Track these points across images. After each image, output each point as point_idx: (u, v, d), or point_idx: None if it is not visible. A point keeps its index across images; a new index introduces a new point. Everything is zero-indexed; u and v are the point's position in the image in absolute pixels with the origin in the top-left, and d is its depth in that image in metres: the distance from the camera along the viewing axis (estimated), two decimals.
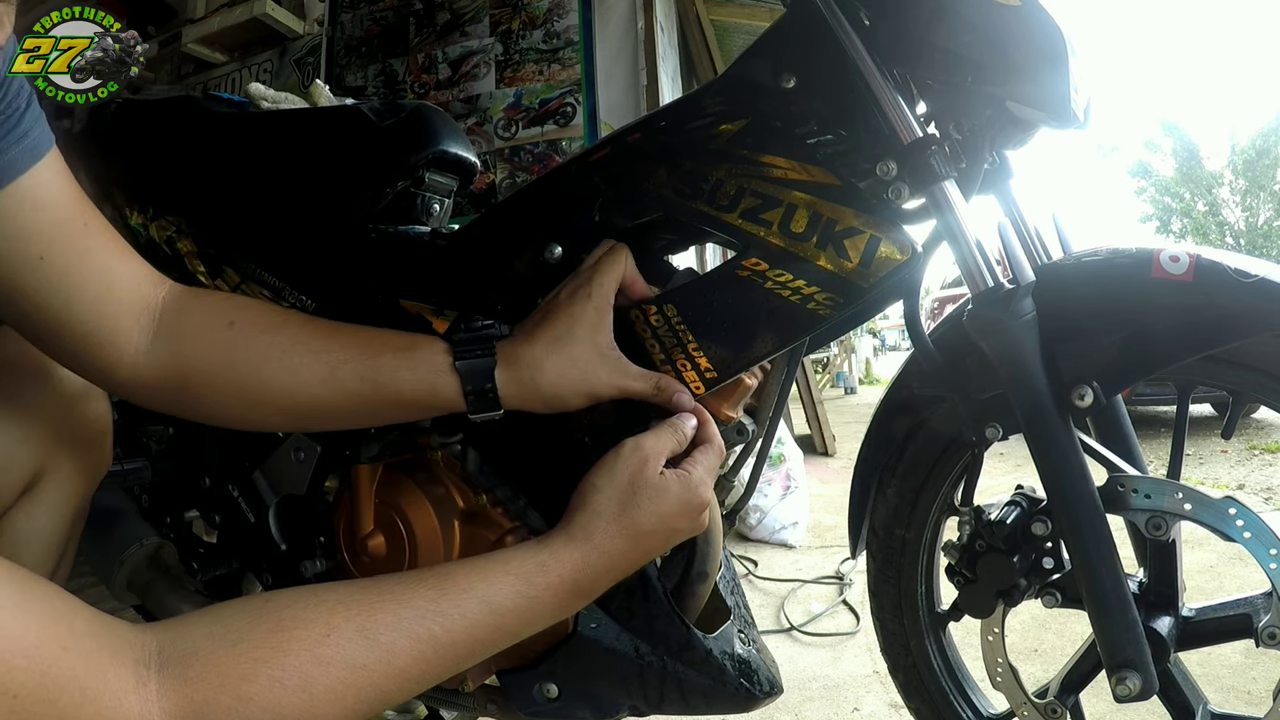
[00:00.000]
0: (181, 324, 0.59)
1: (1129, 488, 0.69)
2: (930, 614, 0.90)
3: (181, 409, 0.63)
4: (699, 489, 0.59)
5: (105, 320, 0.57)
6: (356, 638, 0.46)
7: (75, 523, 0.73)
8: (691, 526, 0.60)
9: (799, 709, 1.42)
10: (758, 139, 0.66)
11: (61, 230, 0.55)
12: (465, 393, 0.60)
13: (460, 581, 0.51)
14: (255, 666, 0.42)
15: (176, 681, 0.40)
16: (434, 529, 0.74)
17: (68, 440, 0.70)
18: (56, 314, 0.55)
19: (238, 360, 0.59)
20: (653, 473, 0.58)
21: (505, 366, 0.60)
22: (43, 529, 0.69)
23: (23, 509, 0.67)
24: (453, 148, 0.87)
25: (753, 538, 2.60)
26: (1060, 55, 0.61)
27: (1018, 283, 0.64)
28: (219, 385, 0.59)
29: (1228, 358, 0.68)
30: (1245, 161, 21.52)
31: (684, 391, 0.64)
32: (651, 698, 0.71)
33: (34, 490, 0.68)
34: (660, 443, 0.60)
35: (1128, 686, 0.65)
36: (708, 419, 0.65)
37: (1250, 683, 1.35)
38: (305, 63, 2.95)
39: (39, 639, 0.37)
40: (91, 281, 0.56)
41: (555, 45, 2.60)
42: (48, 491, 0.69)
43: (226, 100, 1.05)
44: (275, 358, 0.59)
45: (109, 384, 0.60)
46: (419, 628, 0.48)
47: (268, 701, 0.42)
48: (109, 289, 0.57)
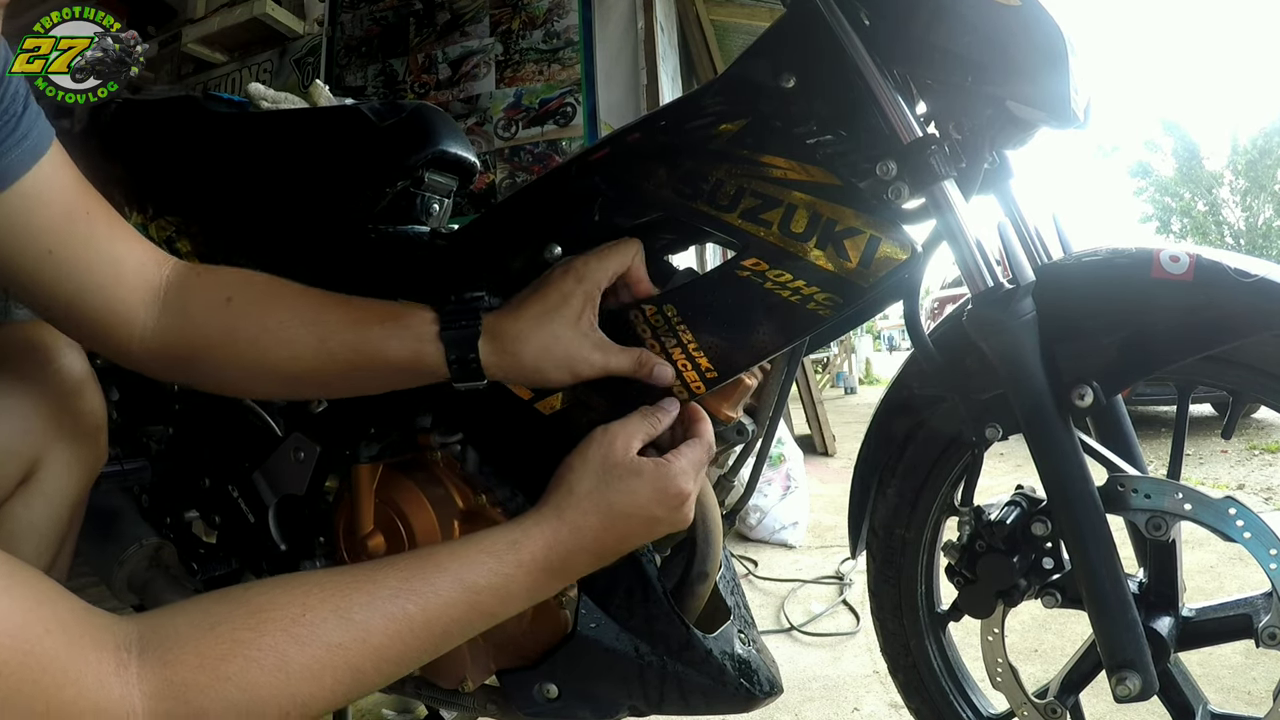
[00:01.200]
0: (184, 301, 0.62)
1: (1129, 488, 0.69)
2: (930, 614, 0.90)
3: (190, 379, 0.67)
4: (677, 478, 0.59)
5: (116, 304, 0.59)
6: (331, 617, 0.47)
7: (73, 516, 0.74)
8: (671, 517, 0.59)
9: (799, 709, 1.42)
10: (758, 139, 0.66)
11: (67, 223, 0.57)
12: (449, 361, 0.62)
13: (434, 561, 0.53)
14: (233, 647, 0.43)
15: (157, 664, 0.41)
16: (434, 529, 0.74)
17: (63, 433, 0.71)
18: (70, 301, 0.58)
19: (237, 333, 0.62)
20: (622, 452, 0.59)
21: (489, 337, 0.62)
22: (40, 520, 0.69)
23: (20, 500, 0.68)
24: (452, 148, 0.87)
25: (753, 538, 2.60)
26: (1060, 55, 0.61)
27: (1018, 283, 0.64)
28: (220, 357, 0.62)
29: (1228, 358, 0.68)
30: (1246, 162, 21.51)
31: (664, 365, 0.65)
32: (651, 698, 0.71)
33: (30, 482, 0.69)
34: (631, 425, 0.61)
35: (1128, 687, 0.65)
36: (701, 416, 0.65)
37: (1250, 683, 1.35)
38: (305, 63, 2.95)
39: (23, 620, 0.38)
40: (100, 268, 0.58)
41: (555, 45, 2.60)
42: (44, 483, 0.70)
43: (226, 100, 1.05)
44: (271, 329, 0.62)
45: (127, 361, 0.63)
46: (394, 607, 0.49)
47: (245, 680, 0.43)
48: (117, 274, 0.59)
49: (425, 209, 0.89)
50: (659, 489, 0.58)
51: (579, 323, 0.63)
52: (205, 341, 0.62)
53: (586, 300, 0.63)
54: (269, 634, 0.44)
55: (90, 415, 0.74)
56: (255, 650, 0.44)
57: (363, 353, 0.62)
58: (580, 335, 0.62)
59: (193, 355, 0.62)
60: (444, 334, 0.62)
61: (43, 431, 0.69)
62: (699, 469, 0.61)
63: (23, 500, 0.69)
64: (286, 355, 0.62)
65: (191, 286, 0.63)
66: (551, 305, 0.63)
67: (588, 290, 0.63)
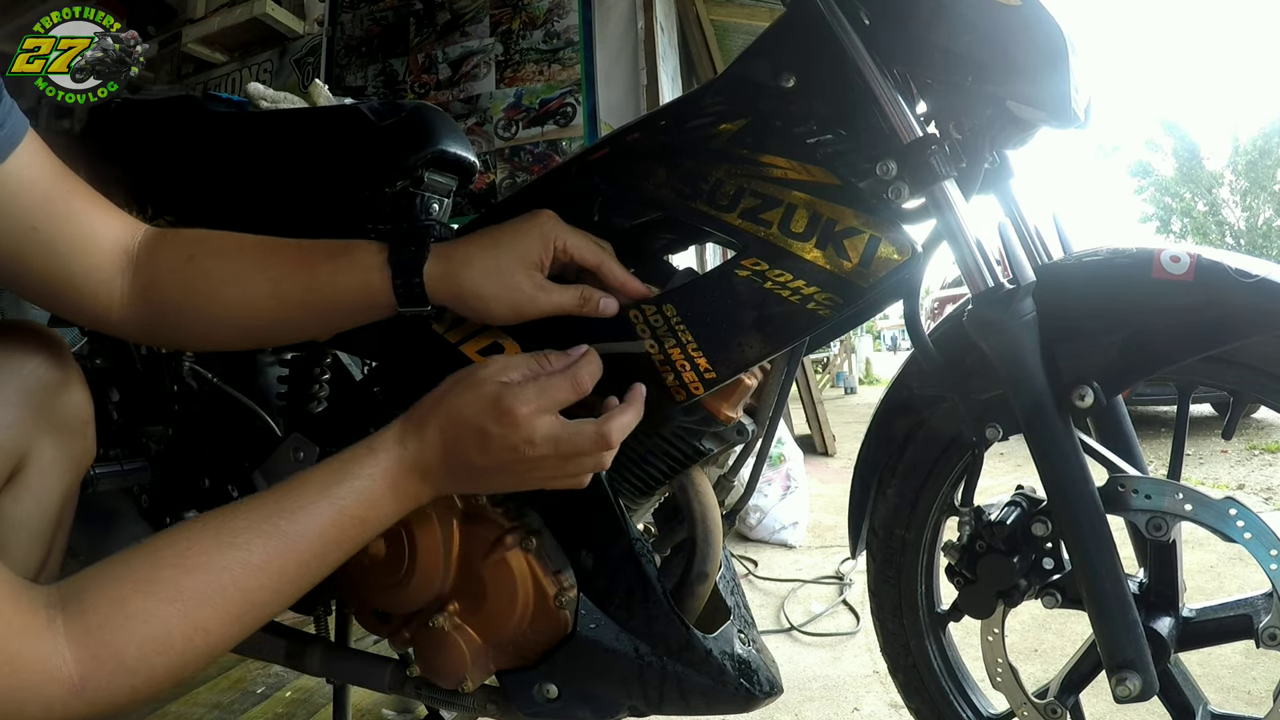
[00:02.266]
0: (151, 264, 0.66)
1: (1129, 488, 0.69)
2: (930, 614, 0.89)
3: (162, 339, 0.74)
4: (512, 395, 0.57)
5: (96, 271, 0.63)
6: (214, 545, 0.51)
7: (62, 512, 0.73)
8: (505, 437, 0.57)
9: (799, 709, 1.42)
10: (757, 138, 0.66)
11: (48, 202, 0.61)
12: (394, 285, 0.64)
13: (302, 479, 0.57)
14: (134, 586, 0.49)
15: (76, 616, 0.47)
16: (433, 529, 0.74)
17: (49, 428, 0.71)
18: (54, 274, 0.62)
19: (198, 288, 0.65)
20: (474, 373, 0.60)
21: (435, 260, 0.64)
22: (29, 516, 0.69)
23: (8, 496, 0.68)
24: (452, 148, 0.87)
25: (753, 538, 2.60)
26: (1061, 55, 0.61)
27: (1018, 283, 0.64)
28: (185, 313, 0.66)
29: (1228, 358, 0.68)
30: (1247, 162, 21.49)
31: (609, 297, 0.66)
32: (651, 698, 0.71)
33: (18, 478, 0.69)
34: (514, 358, 0.62)
35: (1128, 687, 0.65)
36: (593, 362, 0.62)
37: (1250, 683, 1.35)
38: (305, 63, 2.95)
39: None
40: (81, 241, 0.62)
41: (555, 45, 2.60)
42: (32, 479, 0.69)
43: (226, 100, 1.05)
44: (230, 281, 0.65)
45: (107, 327, 0.68)
46: (269, 525, 0.53)
47: (147, 613, 0.48)
48: (96, 244, 0.63)
49: (425, 209, 0.88)
50: (491, 400, 0.58)
51: (525, 261, 0.64)
52: (172, 300, 0.65)
53: (541, 246, 0.64)
54: (162, 569, 0.50)
55: (77, 409, 0.74)
56: (151, 584, 0.49)
57: (314, 290, 0.65)
58: (526, 273, 0.64)
59: (162, 314, 0.66)
60: (391, 259, 0.64)
61: (28, 427, 0.69)
62: (549, 398, 0.59)
63: (11, 497, 0.69)
64: (244, 304, 0.65)
65: (158, 249, 0.66)
66: (504, 239, 0.65)
67: (544, 238, 0.64)
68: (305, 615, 0.98)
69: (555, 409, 0.59)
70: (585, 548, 0.71)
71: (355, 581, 0.77)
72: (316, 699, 1.40)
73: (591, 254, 0.66)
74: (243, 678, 1.48)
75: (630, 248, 0.76)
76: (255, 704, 1.39)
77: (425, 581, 0.73)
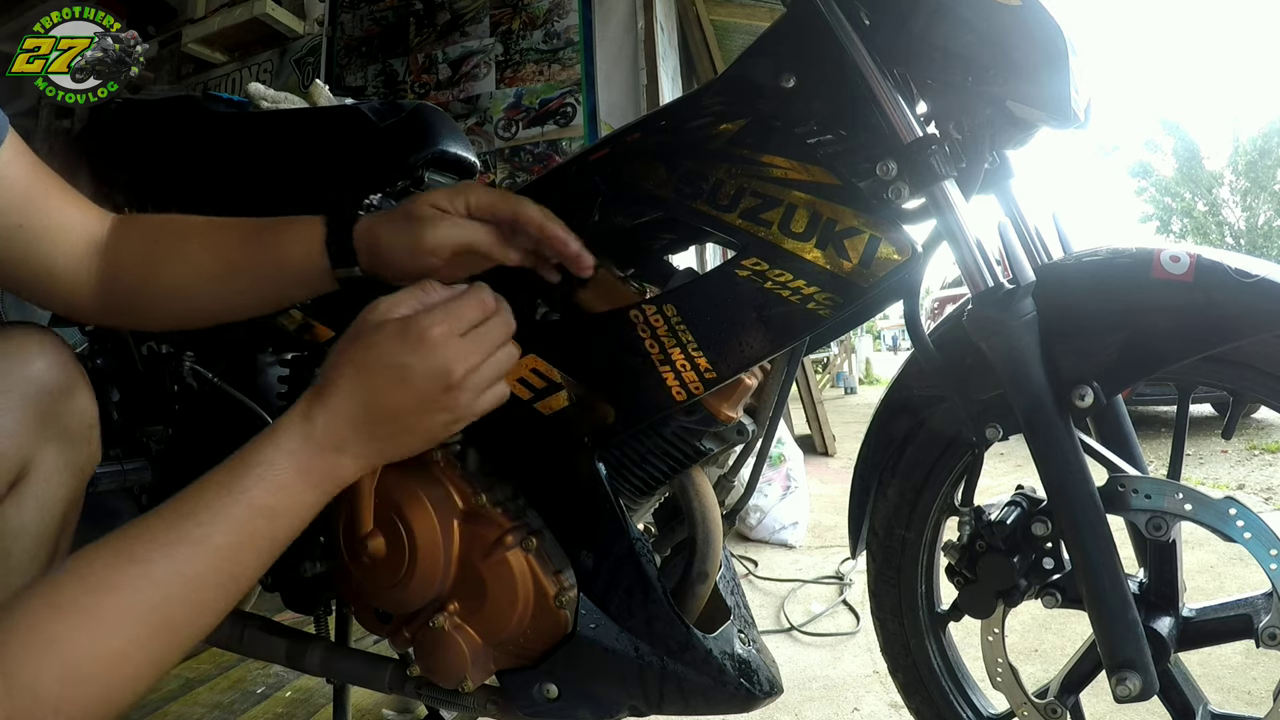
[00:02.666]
0: (118, 250, 0.69)
1: (1129, 488, 0.69)
2: (930, 614, 0.89)
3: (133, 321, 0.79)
4: (420, 319, 0.56)
5: (73, 261, 0.67)
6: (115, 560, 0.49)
7: (67, 518, 0.73)
8: (424, 364, 0.55)
9: (799, 709, 1.42)
10: (758, 139, 0.66)
11: (30, 199, 0.63)
12: (327, 245, 0.67)
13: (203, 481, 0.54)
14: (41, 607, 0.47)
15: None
16: (434, 529, 0.74)
17: (53, 434, 0.70)
18: (38, 266, 0.65)
19: (159, 270, 0.69)
20: (365, 320, 0.58)
21: (363, 221, 0.68)
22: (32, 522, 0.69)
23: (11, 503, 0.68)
24: (452, 147, 0.87)
25: (753, 538, 2.60)
26: (1060, 55, 0.61)
27: (1018, 283, 0.64)
28: (149, 295, 0.69)
29: (1228, 358, 0.68)
30: (1247, 162, 21.50)
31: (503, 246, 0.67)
32: (651, 698, 0.71)
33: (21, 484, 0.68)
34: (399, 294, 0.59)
35: (1128, 687, 0.65)
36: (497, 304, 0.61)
37: (1250, 683, 1.35)
38: (305, 63, 2.95)
39: None
40: (62, 234, 0.66)
41: (555, 45, 2.60)
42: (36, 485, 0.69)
43: (226, 100, 1.05)
44: (187, 261, 0.69)
45: (81, 315, 0.71)
46: (170, 534, 0.50)
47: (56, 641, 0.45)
48: (73, 236, 0.66)
49: None
50: (400, 332, 0.56)
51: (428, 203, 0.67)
52: (136, 283, 0.68)
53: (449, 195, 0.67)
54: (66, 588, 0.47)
55: (81, 414, 0.73)
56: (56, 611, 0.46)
57: (262, 261, 0.68)
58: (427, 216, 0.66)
59: (128, 299, 0.69)
60: (328, 222, 0.68)
61: (31, 433, 0.68)
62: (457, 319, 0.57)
63: (14, 503, 0.68)
64: (199, 282, 0.68)
65: (123, 236, 0.69)
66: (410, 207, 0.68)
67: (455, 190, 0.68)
68: (305, 615, 0.98)
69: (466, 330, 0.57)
70: (585, 548, 0.71)
71: (355, 582, 0.77)
72: (316, 699, 1.40)
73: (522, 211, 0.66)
74: (243, 678, 1.49)
75: (630, 247, 0.76)
76: (255, 704, 1.39)
77: (425, 581, 0.73)
